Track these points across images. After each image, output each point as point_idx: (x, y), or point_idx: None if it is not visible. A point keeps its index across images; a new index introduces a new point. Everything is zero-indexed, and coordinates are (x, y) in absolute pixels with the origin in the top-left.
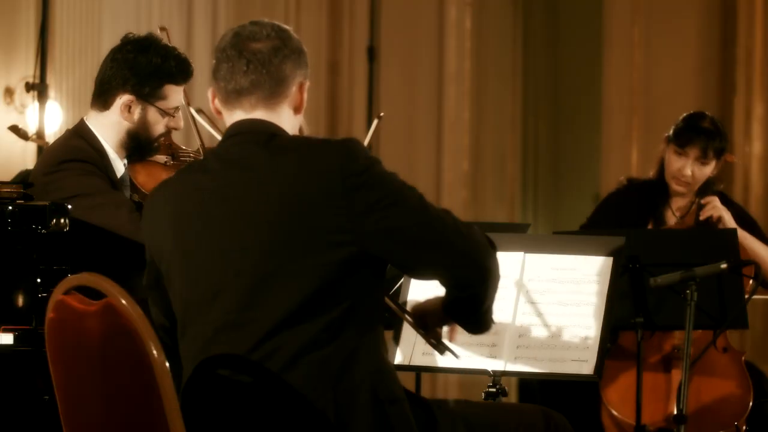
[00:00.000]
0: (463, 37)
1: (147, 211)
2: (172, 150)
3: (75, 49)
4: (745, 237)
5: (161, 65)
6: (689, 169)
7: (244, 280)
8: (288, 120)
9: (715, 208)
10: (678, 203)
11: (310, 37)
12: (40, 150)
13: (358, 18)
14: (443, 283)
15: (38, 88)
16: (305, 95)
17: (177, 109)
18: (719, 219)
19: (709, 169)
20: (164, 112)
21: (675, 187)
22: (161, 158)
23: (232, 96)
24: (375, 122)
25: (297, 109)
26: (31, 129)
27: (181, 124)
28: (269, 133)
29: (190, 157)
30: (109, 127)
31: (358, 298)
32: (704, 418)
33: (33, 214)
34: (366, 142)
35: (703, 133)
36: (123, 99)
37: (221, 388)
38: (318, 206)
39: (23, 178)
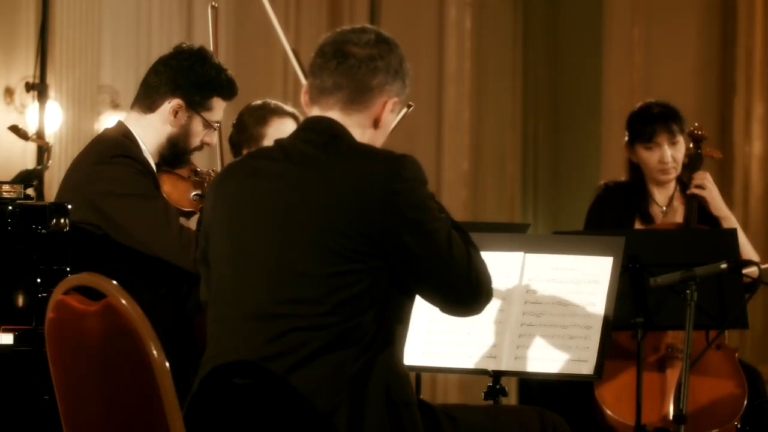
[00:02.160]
0: (463, 37)
1: (211, 188)
2: (194, 167)
3: (75, 49)
4: (730, 223)
5: (214, 77)
6: (668, 155)
7: (277, 274)
8: (361, 130)
9: (702, 180)
10: (660, 195)
11: (310, 37)
12: (41, 150)
13: (358, 18)
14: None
15: (38, 88)
16: (387, 112)
17: (218, 123)
18: (705, 198)
19: (682, 147)
20: (208, 123)
21: (663, 177)
22: (184, 172)
23: (315, 92)
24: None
25: (376, 124)
26: (31, 129)
27: (215, 140)
28: (332, 134)
29: (207, 176)
30: (149, 130)
31: (383, 305)
32: (700, 417)
33: (33, 214)
34: None
35: (660, 117)
36: (172, 103)
37: (237, 384)
38: (355, 216)
39: (23, 178)
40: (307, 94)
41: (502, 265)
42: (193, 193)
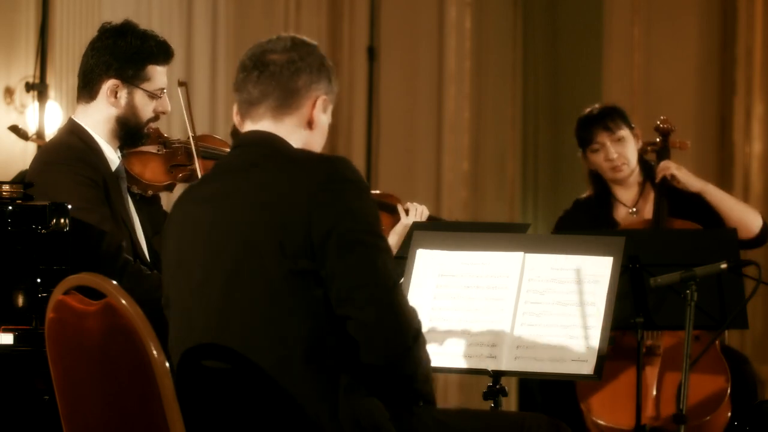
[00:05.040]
0: (463, 37)
1: (166, 224)
2: (163, 139)
3: (75, 49)
4: (711, 193)
5: (141, 46)
6: (612, 152)
7: (224, 297)
8: (296, 134)
9: (666, 168)
10: (626, 196)
11: (310, 37)
12: None
13: (358, 18)
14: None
15: (38, 88)
16: (318, 111)
17: (163, 90)
18: (673, 177)
19: (629, 142)
20: (151, 94)
21: (617, 175)
22: (153, 148)
23: (244, 106)
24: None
25: (309, 125)
26: (31, 129)
27: (169, 107)
28: (267, 145)
29: (180, 144)
30: (98, 118)
31: (328, 323)
32: (687, 408)
33: (33, 214)
34: None
35: (597, 118)
36: (108, 84)
37: (207, 411)
38: (290, 222)
39: (23, 178)
40: (237, 113)
41: (502, 265)
42: (170, 165)
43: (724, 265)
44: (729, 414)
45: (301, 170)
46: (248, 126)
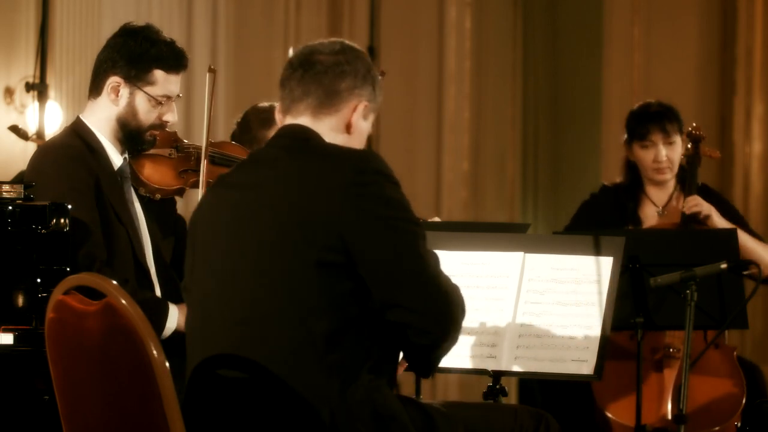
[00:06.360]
0: (463, 37)
1: (200, 204)
2: (176, 143)
3: (75, 49)
4: (744, 240)
5: (150, 48)
6: (663, 154)
7: (245, 282)
8: (333, 134)
9: (699, 205)
10: (658, 196)
11: (310, 37)
12: None
13: (358, 18)
14: (404, 325)
15: (38, 88)
16: (358, 116)
17: (167, 98)
18: (707, 217)
19: (678, 147)
20: (153, 99)
21: (658, 177)
22: (165, 151)
23: (286, 103)
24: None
25: (347, 128)
26: (31, 129)
27: (173, 117)
28: (302, 138)
29: (194, 149)
30: (101, 117)
31: (360, 308)
32: (699, 416)
33: (33, 214)
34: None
35: (656, 116)
36: (111, 81)
37: (219, 399)
38: (320, 214)
39: (23, 178)
40: (279, 111)
41: (502, 265)
42: (181, 170)
43: (724, 265)
44: (738, 424)
45: (331, 162)
46: (288, 121)
